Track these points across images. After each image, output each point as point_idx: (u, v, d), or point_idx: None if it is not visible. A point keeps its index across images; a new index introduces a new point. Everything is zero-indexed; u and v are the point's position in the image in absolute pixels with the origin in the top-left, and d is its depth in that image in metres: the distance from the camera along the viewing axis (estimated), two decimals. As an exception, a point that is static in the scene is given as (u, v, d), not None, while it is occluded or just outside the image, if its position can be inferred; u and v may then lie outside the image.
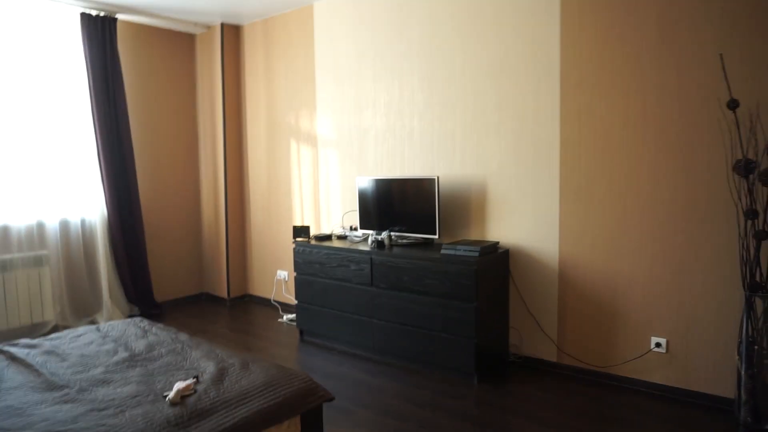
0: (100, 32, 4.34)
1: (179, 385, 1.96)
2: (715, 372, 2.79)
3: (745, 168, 2.53)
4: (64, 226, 4.30)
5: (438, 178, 3.49)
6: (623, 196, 3.00)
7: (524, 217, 3.37)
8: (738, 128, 2.58)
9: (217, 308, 4.99)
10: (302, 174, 4.66)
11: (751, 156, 2.57)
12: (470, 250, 3.18)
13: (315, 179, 4.56)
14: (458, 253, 3.22)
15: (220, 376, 2.13)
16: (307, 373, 2.41)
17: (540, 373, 3.30)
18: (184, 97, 5.14)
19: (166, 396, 1.94)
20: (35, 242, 4.13)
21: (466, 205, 3.62)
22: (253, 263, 5.18)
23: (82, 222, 4.41)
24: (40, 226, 4.16)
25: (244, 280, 5.26)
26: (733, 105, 2.54)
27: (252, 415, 1.87)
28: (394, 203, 3.77)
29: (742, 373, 2.59)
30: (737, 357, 2.62)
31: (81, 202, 4.39)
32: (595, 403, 2.88)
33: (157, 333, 2.72)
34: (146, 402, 1.91)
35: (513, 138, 3.37)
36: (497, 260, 3.34)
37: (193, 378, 2.08)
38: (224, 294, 5.13)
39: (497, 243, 3.41)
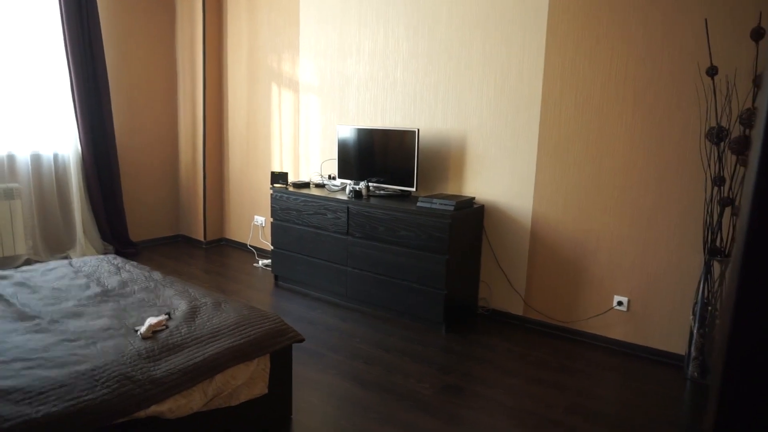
0: (73, -43, 4.12)
1: (151, 320, 2.00)
2: (670, 330, 2.92)
3: (717, 135, 2.58)
4: (36, 160, 4.21)
5: (418, 130, 3.48)
6: (598, 157, 3.04)
7: (501, 173, 3.40)
8: (714, 95, 2.61)
9: (193, 251, 5.00)
10: (282, 119, 4.59)
11: (724, 124, 2.61)
12: (446, 204, 3.21)
13: (295, 125, 4.50)
14: (434, 206, 3.26)
15: (192, 314, 2.16)
16: (279, 315, 2.46)
17: (506, 326, 3.42)
18: (163, 32, 4.96)
19: (137, 330, 1.97)
20: (5, 174, 4.04)
21: (444, 160, 3.63)
22: (231, 207, 5.17)
23: (55, 157, 4.32)
24: (11, 158, 4.07)
25: (221, 224, 5.26)
26: (711, 72, 2.56)
27: (222, 352, 1.92)
28: (373, 154, 3.76)
29: (695, 331, 2.73)
30: (692, 317, 2.75)
31: (54, 136, 4.28)
32: (556, 356, 3.02)
33: (131, 270, 2.73)
34: (118, 335, 1.94)
35: (495, 93, 3.36)
36: (472, 215, 3.39)
37: (165, 314, 2.11)
38: (201, 237, 5.13)
39: (473, 198, 3.46)
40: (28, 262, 4.10)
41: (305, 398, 2.43)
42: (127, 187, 4.84)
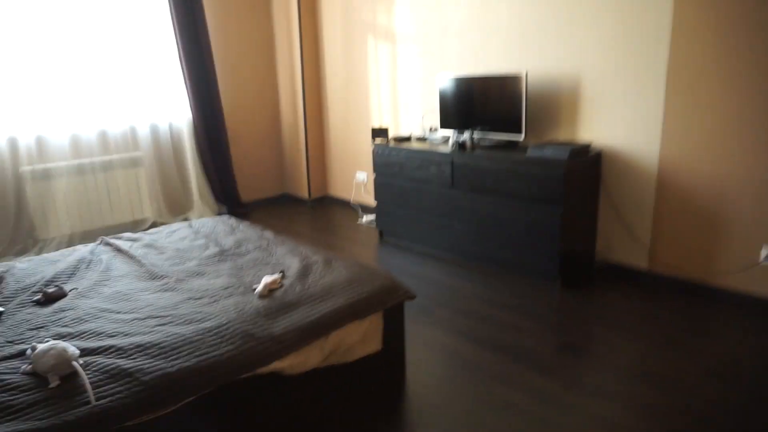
0: (172, -74, 4.21)
1: (267, 279, 2.04)
2: (834, 286, 2.52)
3: None
4: (154, 130, 4.48)
5: (527, 73, 3.21)
6: (742, 92, 2.61)
7: (622, 116, 3.06)
8: None
9: (299, 208, 5.15)
10: (380, 73, 4.48)
11: None
12: (559, 152, 2.97)
13: (393, 78, 4.38)
14: (545, 154, 3.02)
15: (305, 272, 2.19)
16: (389, 271, 2.43)
17: (628, 282, 3.16)
18: (259, -6, 4.99)
19: (254, 289, 2.02)
20: (129, 145, 4.35)
21: (555, 104, 3.34)
22: (332, 165, 5.22)
23: (170, 127, 4.57)
24: (133, 130, 4.36)
25: (324, 182, 5.34)
26: None
27: (336, 310, 1.91)
28: (476, 102, 3.56)
29: None
30: None
31: (168, 108, 4.52)
32: (687, 315, 2.73)
33: (244, 230, 2.83)
34: (237, 293, 2.00)
35: (614, 25, 2.99)
36: (588, 163, 3.11)
37: (280, 273, 2.15)
38: (305, 195, 5.26)
39: (589, 145, 3.16)
40: (154, 225, 4.44)
41: (418, 355, 2.40)
42: (236, 152, 5.03)
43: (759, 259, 2.72)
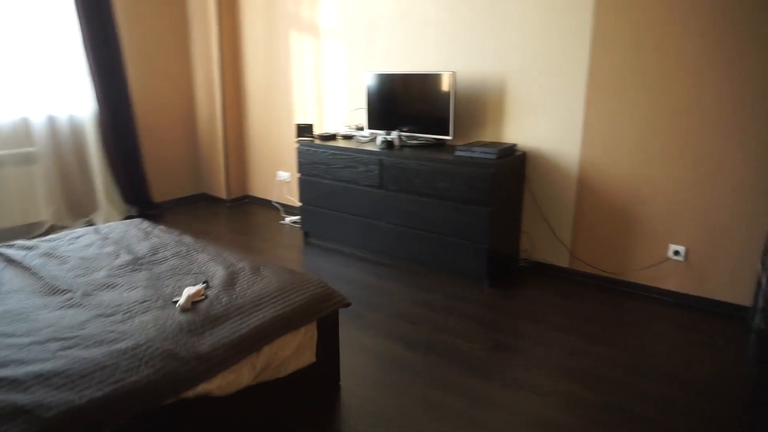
0: None
1: (189, 290, 1.86)
2: (733, 280, 2.74)
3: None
4: (51, 123, 4.03)
5: (455, 73, 3.22)
6: (658, 97, 2.77)
7: (545, 117, 3.15)
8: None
9: (217, 209, 4.87)
10: (304, 68, 4.33)
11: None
12: (487, 153, 2.99)
13: (318, 74, 4.24)
14: (474, 155, 3.04)
15: (231, 280, 2.03)
16: (321, 278, 2.31)
17: (551, 279, 3.26)
18: (171, -21, 4.65)
19: (175, 302, 1.84)
20: (21, 139, 3.88)
21: (481, 104, 3.38)
22: (253, 163, 4.99)
23: (70, 119, 4.14)
24: (25, 122, 3.90)
25: (244, 181, 5.10)
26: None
27: (268, 322, 1.78)
28: (405, 101, 3.52)
29: (764, 281, 2.53)
30: (760, 265, 2.55)
31: (67, 97, 4.08)
32: (606, 309, 2.86)
33: (160, 235, 2.60)
34: (155, 307, 1.81)
35: (539, 29, 3.06)
36: (514, 163, 3.17)
37: (203, 283, 1.98)
38: (223, 195, 4.99)
39: (514, 145, 3.23)
40: (52, 229, 4.00)
41: (351, 362, 2.32)
42: (147, 147, 4.65)
43: (667, 256, 2.91)
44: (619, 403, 2.05)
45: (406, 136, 3.52)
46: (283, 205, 4.75)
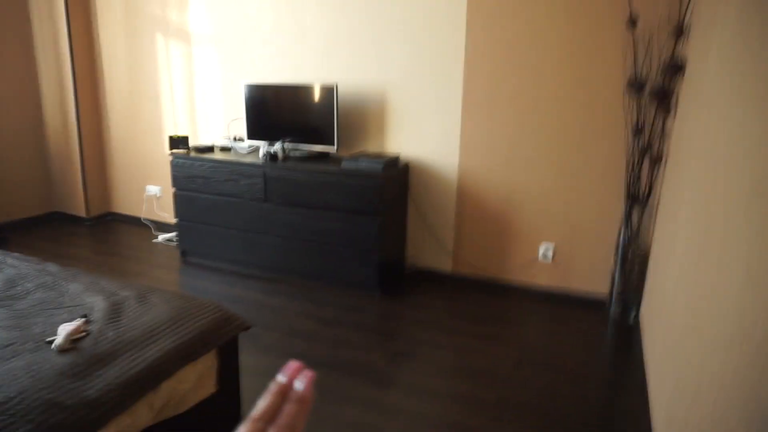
0: None
1: (66, 327, 1.65)
2: (593, 273, 3.09)
3: (637, 86, 2.67)
4: None
5: (337, 85, 3.24)
6: (524, 111, 3.04)
7: (425, 129, 3.30)
8: (636, 47, 2.69)
9: (75, 229, 4.37)
10: (173, 76, 4.06)
11: (646, 74, 2.70)
12: (373, 164, 3.06)
13: (190, 82, 4.01)
14: (360, 166, 3.09)
15: (115, 313, 1.83)
16: (216, 300, 2.17)
17: (436, 284, 3.41)
18: (7, -31, 4.09)
19: (50, 341, 1.62)
20: None
21: (363, 116, 3.44)
22: (116, 177, 4.55)
23: None
24: None
25: (106, 197, 4.63)
26: (633, 23, 2.62)
27: (164, 355, 1.64)
28: (287, 111, 3.46)
29: (617, 273, 2.90)
30: (614, 259, 2.92)
31: None
32: (489, 309, 3.07)
33: (16, 264, 2.26)
34: (25, 351, 1.57)
35: (418, 43, 3.20)
36: (398, 174, 3.27)
37: (82, 317, 1.76)
38: (82, 212, 4.49)
39: (398, 157, 3.33)
40: None
41: (253, 388, 2.21)
42: (-19, 161, 4.04)
43: (537, 255, 3.20)
44: (511, 397, 2.21)
45: (290, 148, 3.47)
46: (155, 222, 4.40)
